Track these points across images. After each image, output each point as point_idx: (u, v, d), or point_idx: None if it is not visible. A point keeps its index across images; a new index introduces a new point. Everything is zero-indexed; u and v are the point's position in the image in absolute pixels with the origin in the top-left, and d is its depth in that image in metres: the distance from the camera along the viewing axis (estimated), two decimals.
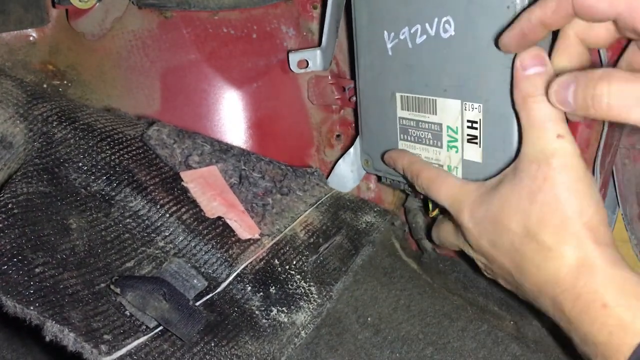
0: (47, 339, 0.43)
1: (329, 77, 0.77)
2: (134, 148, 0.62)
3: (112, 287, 0.49)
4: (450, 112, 0.56)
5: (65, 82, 0.72)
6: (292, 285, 0.61)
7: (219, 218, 0.62)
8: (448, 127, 0.57)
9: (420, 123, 0.60)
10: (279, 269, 0.61)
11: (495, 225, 0.51)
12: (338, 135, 0.81)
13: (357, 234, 0.70)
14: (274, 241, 0.64)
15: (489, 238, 0.53)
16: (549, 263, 0.48)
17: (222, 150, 0.68)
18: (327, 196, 0.73)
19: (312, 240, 0.66)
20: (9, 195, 0.50)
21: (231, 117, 0.74)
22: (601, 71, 0.40)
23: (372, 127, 0.66)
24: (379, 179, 0.68)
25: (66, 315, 0.44)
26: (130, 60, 0.72)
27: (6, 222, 0.48)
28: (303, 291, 0.61)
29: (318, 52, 0.70)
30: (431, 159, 0.60)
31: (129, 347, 0.46)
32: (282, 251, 0.63)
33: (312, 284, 0.62)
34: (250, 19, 0.74)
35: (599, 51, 0.53)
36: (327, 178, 0.76)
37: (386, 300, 0.66)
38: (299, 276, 0.62)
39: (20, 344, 0.72)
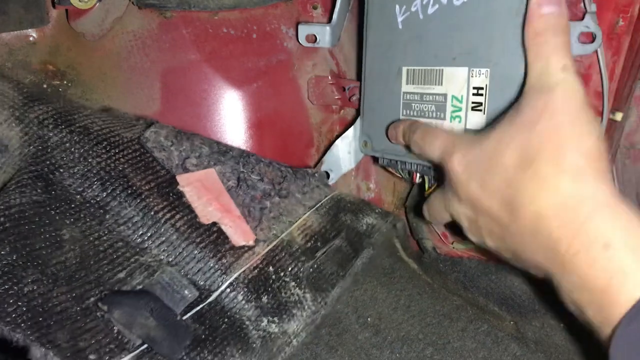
0: None
1: (329, 77, 0.77)
2: (130, 151, 0.62)
3: (100, 304, 0.49)
4: (456, 80, 0.57)
5: (65, 82, 0.72)
6: (285, 293, 0.60)
7: (214, 224, 0.61)
8: (453, 96, 0.58)
9: (424, 96, 0.60)
10: (273, 276, 0.61)
11: (489, 162, 0.48)
12: (338, 136, 0.81)
13: (357, 236, 0.69)
14: (269, 247, 0.63)
15: (480, 178, 0.49)
16: (546, 193, 0.44)
17: (221, 152, 0.68)
18: (327, 198, 0.73)
19: (309, 244, 0.66)
20: (2, 207, 0.50)
21: (231, 117, 0.74)
22: None
23: (375, 105, 0.67)
24: (376, 160, 0.68)
25: (52, 337, 0.44)
26: (130, 61, 0.72)
27: None
28: (297, 299, 0.60)
29: (328, 28, 0.71)
30: None
31: None
32: (277, 257, 0.63)
33: (307, 290, 0.61)
34: (250, 19, 0.74)
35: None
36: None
37: (386, 300, 0.66)
38: (293, 283, 0.61)
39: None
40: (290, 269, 0.62)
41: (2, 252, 0.47)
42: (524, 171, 0.46)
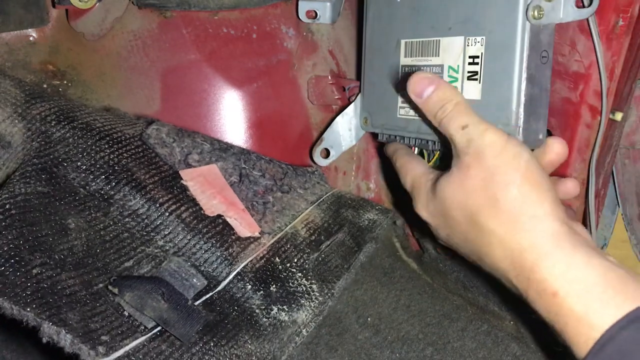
0: (44, 340, 0.43)
1: (329, 77, 0.77)
2: (133, 147, 0.62)
3: (110, 287, 0.49)
4: (452, 50, 0.58)
5: (65, 82, 0.71)
6: (293, 283, 0.61)
7: (219, 216, 0.61)
8: (449, 67, 0.58)
9: (422, 68, 0.61)
10: (280, 267, 0.61)
11: (445, 219, 0.53)
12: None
13: (359, 231, 0.70)
14: (274, 239, 0.63)
15: (445, 231, 0.54)
16: (495, 248, 0.47)
17: (222, 149, 0.68)
18: (328, 194, 0.73)
19: (313, 237, 0.66)
20: (7, 195, 0.50)
21: (231, 117, 0.74)
22: None
23: (375, 80, 0.67)
24: (376, 136, 0.68)
25: (63, 316, 0.44)
26: (131, 60, 0.72)
27: (4, 223, 0.48)
28: (304, 289, 0.61)
29: (328, 4, 0.72)
30: None
31: (126, 348, 0.46)
32: (283, 249, 0.63)
33: (313, 281, 0.62)
34: (250, 19, 0.74)
35: (587, 20, 0.53)
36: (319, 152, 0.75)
37: (386, 300, 0.66)
38: (300, 274, 0.62)
39: (19, 345, 0.72)
40: (296, 260, 0.63)
41: (9, 237, 0.47)
42: (473, 227, 0.49)
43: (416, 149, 0.64)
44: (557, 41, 0.58)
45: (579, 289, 0.42)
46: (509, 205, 0.46)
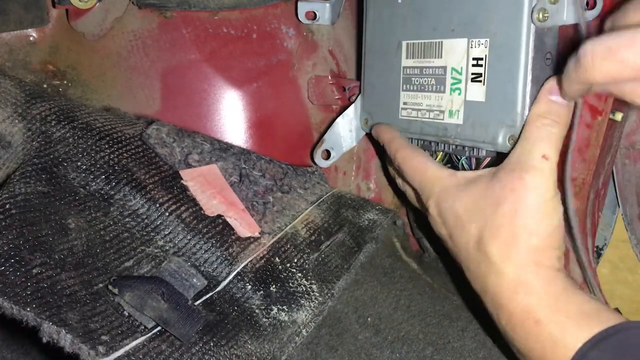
0: (44, 340, 0.43)
1: (329, 77, 0.77)
2: (133, 147, 0.62)
3: (110, 287, 0.49)
4: (455, 52, 0.57)
5: (65, 82, 0.71)
6: (293, 283, 0.61)
7: (219, 216, 0.61)
8: (452, 68, 0.58)
9: (424, 70, 0.61)
10: (280, 267, 0.61)
11: (457, 221, 0.53)
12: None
13: (359, 231, 0.70)
14: (274, 239, 0.63)
15: (449, 231, 0.54)
16: (491, 277, 0.50)
17: (222, 149, 0.68)
18: (328, 194, 0.73)
19: (313, 238, 0.66)
20: (7, 195, 0.50)
21: (231, 117, 0.74)
22: None
23: (375, 81, 0.67)
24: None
25: (63, 316, 0.44)
26: (131, 60, 0.72)
27: (4, 223, 0.48)
28: (304, 289, 0.61)
29: (328, 5, 0.72)
30: (433, 106, 0.61)
31: (126, 347, 0.46)
32: (283, 249, 0.63)
33: (313, 282, 0.62)
34: (250, 19, 0.74)
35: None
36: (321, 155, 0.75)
37: (386, 300, 0.66)
38: (300, 274, 0.62)
39: (19, 345, 0.72)
40: (296, 260, 0.63)
41: (9, 237, 0.47)
42: (478, 250, 0.51)
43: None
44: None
45: (560, 317, 0.46)
46: (524, 251, 0.49)
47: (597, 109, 0.58)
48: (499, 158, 0.55)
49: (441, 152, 0.62)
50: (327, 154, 0.74)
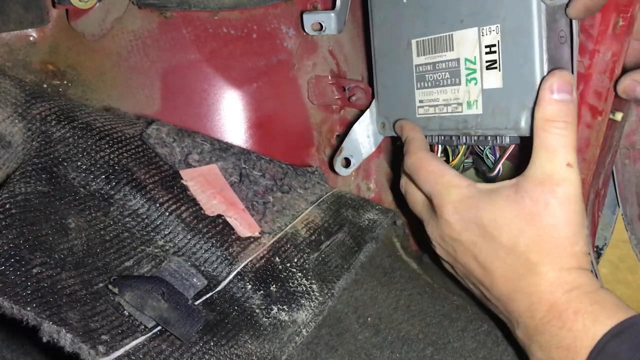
0: (44, 339, 0.43)
1: (329, 77, 0.77)
2: (133, 147, 0.62)
3: (110, 287, 0.49)
4: (467, 43, 0.57)
5: (65, 82, 0.71)
6: (293, 283, 0.61)
7: (219, 216, 0.61)
8: (466, 59, 0.57)
9: (437, 65, 0.60)
10: (280, 267, 0.61)
11: (483, 230, 0.53)
12: (338, 135, 0.81)
13: (359, 230, 0.70)
14: (274, 239, 0.63)
15: (472, 238, 0.54)
16: (532, 276, 0.50)
17: (222, 149, 0.68)
18: (328, 194, 0.73)
19: (313, 237, 0.66)
20: (7, 195, 0.50)
21: (231, 117, 0.74)
22: None
23: (388, 84, 0.66)
24: (395, 139, 0.68)
25: (63, 315, 0.44)
26: (131, 60, 0.72)
27: (4, 223, 0.48)
28: (304, 289, 0.61)
29: (332, 15, 0.71)
30: (450, 100, 0.60)
31: (126, 347, 0.46)
32: (283, 249, 0.63)
33: (313, 281, 0.62)
34: (250, 19, 0.74)
35: (571, 22, 0.53)
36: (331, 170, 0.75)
37: (386, 300, 0.66)
38: (300, 274, 0.62)
39: (19, 344, 0.72)
40: (296, 260, 0.63)
41: (9, 236, 0.47)
42: (516, 256, 0.51)
43: (439, 147, 0.63)
44: None
45: (595, 308, 0.48)
46: (568, 258, 0.50)
47: (597, 109, 0.58)
48: (522, 145, 0.55)
49: (463, 147, 0.61)
50: (347, 162, 0.74)
